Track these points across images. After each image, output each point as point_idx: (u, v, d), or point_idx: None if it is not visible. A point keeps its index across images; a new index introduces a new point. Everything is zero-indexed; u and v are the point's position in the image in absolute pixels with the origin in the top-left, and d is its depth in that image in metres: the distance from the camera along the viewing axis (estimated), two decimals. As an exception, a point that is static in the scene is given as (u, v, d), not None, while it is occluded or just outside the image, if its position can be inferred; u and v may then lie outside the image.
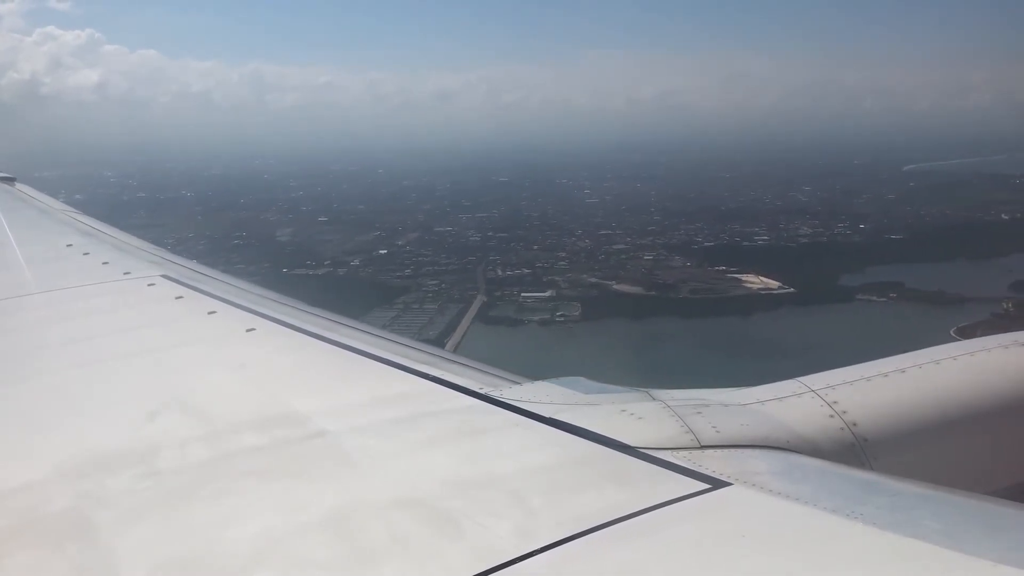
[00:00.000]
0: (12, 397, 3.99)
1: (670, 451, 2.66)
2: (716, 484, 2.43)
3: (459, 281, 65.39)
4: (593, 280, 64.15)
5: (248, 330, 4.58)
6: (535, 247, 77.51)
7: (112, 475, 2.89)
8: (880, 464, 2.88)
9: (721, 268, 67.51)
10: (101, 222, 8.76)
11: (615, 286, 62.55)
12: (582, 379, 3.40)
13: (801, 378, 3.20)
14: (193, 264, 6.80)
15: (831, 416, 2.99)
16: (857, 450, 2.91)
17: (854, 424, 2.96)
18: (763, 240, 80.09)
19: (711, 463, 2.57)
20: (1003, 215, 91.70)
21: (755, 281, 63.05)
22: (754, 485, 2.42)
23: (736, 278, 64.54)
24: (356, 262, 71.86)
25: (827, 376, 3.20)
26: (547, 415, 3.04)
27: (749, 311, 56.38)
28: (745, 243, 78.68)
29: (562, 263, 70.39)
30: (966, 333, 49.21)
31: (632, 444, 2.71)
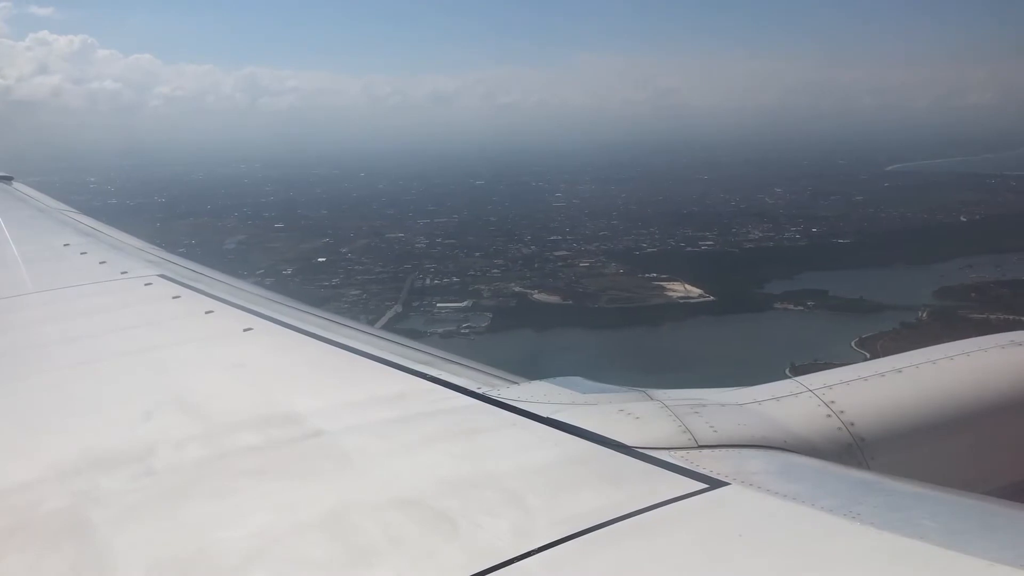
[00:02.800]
0: (9, 396, 4.04)
1: (667, 451, 2.66)
2: (713, 484, 2.43)
3: (384, 291, 65.13)
4: (517, 289, 63.79)
5: (245, 330, 4.60)
6: (477, 254, 77.28)
7: (109, 474, 2.90)
8: (877, 464, 2.91)
9: (651, 275, 67.06)
10: (99, 221, 8.88)
11: (535, 295, 62.12)
12: (579, 379, 3.41)
13: (798, 378, 3.24)
14: (190, 264, 6.82)
15: (828, 416, 3.01)
16: (854, 450, 2.94)
17: (851, 424, 2.99)
18: (707, 245, 79.52)
19: (708, 463, 2.57)
20: (961, 217, 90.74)
21: (678, 289, 62.64)
22: (751, 485, 2.42)
23: (661, 286, 64.14)
24: (288, 271, 71.47)
25: (824, 376, 3.25)
26: (544, 415, 3.04)
27: (657, 321, 55.84)
28: (688, 249, 78.15)
29: (496, 271, 70.14)
30: (867, 345, 49.09)
31: (629, 444, 2.72)
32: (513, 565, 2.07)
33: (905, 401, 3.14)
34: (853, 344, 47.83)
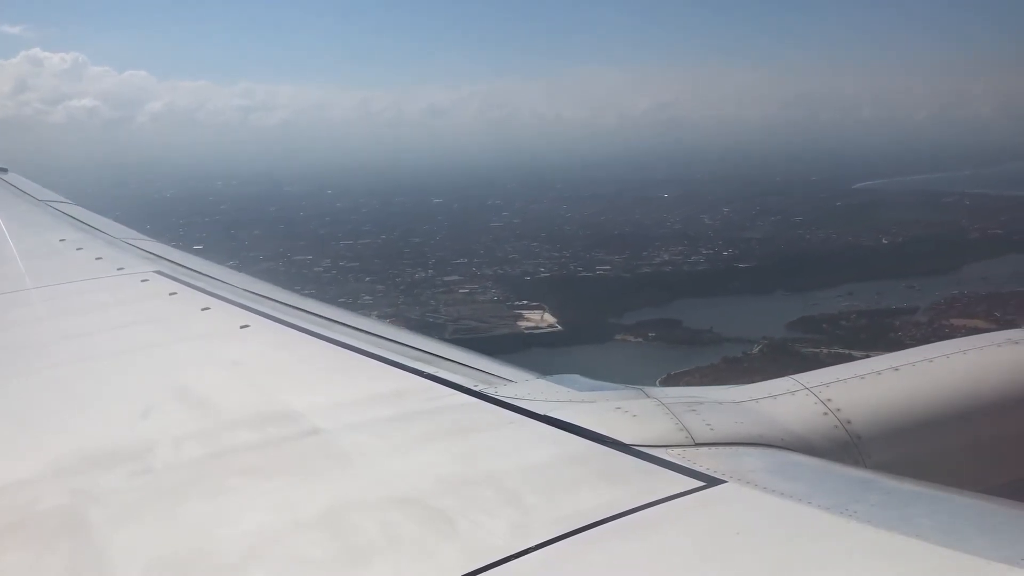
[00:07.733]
0: (4, 393, 4.05)
1: (664, 448, 2.67)
2: (710, 482, 2.44)
3: (240, 318, 64.75)
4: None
5: (242, 327, 4.60)
6: (367, 279, 76.51)
7: (105, 472, 2.90)
8: (874, 462, 2.93)
9: (521, 303, 65.42)
10: (95, 215, 8.96)
11: (383, 325, 61.09)
12: (577, 376, 3.44)
13: (795, 376, 3.26)
14: (187, 260, 6.83)
15: (825, 414, 3.03)
16: (851, 448, 2.96)
17: (848, 422, 3.01)
18: (603, 270, 77.78)
19: (705, 460, 2.58)
20: (883, 240, 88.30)
21: (535, 318, 61.22)
22: (748, 483, 2.43)
23: (520, 314, 62.68)
24: (163, 297, 71.64)
25: (821, 374, 3.26)
26: (542, 412, 3.04)
27: (487, 353, 54.35)
28: (583, 274, 76.61)
29: (369, 298, 69.01)
30: (671, 382, 47.29)
31: (627, 441, 2.74)
32: (511, 563, 2.07)
33: (902, 399, 3.14)
34: (658, 382, 46.27)
